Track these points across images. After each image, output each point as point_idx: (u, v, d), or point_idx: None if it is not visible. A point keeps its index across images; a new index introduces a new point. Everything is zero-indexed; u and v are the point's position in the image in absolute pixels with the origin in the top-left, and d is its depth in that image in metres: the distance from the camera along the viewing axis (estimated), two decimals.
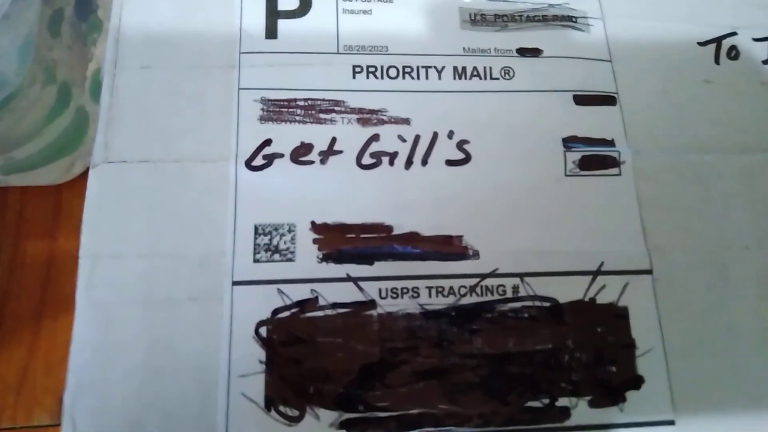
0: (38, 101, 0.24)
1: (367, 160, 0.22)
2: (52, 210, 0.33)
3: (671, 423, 0.20)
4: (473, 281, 0.21)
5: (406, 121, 0.22)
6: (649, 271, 0.21)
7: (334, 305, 0.20)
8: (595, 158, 0.22)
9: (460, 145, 0.22)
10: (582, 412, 0.20)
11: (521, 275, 0.21)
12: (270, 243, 0.20)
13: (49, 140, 0.31)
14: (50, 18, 0.28)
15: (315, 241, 0.20)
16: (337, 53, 0.23)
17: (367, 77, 0.23)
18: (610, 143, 0.23)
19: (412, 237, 0.21)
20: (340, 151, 0.22)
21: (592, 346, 0.20)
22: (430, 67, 0.23)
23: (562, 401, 0.20)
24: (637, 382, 0.20)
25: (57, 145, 0.32)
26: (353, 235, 0.21)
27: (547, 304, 0.21)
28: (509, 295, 0.21)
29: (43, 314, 0.25)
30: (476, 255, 0.21)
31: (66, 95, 0.32)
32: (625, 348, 0.20)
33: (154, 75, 0.22)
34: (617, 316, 0.21)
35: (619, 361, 0.20)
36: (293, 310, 0.20)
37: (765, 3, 0.26)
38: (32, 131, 0.25)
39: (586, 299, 0.21)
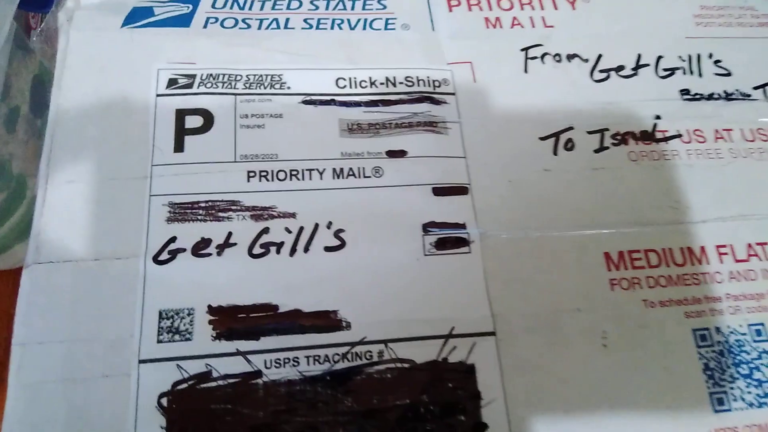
0: None
1: (257, 250, 0.26)
2: (10, 292, 0.37)
3: None
4: (345, 349, 0.25)
5: (293, 215, 0.27)
6: (492, 333, 0.26)
7: (225, 376, 0.24)
8: (449, 240, 0.27)
9: (337, 233, 0.27)
10: None
11: (385, 341, 0.25)
12: (172, 326, 0.24)
13: (7, 230, 0.35)
14: (6, 115, 0.33)
15: (210, 322, 0.25)
16: (235, 162, 0.28)
17: (260, 180, 0.27)
18: (462, 226, 0.27)
19: (295, 314, 0.25)
20: (235, 244, 0.26)
21: (444, 399, 0.24)
22: (313, 169, 0.28)
23: None
24: (482, 428, 0.24)
25: (15, 233, 0.36)
26: (244, 315, 0.25)
27: (407, 365, 0.25)
28: (375, 359, 0.25)
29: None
30: (348, 326, 0.25)
31: (22, 187, 0.36)
32: (472, 399, 0.24)
33: (77, 188, 0.26)
34: (465, 373, 0.25)
35: (467, 411, 0.24)
36: (190, 383, 0.24)
37: (597, 102, 0.31)
38: None
39: (440, 359, 0.25)
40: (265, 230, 0.26)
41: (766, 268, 0.28)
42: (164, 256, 0.25)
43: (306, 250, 0.26)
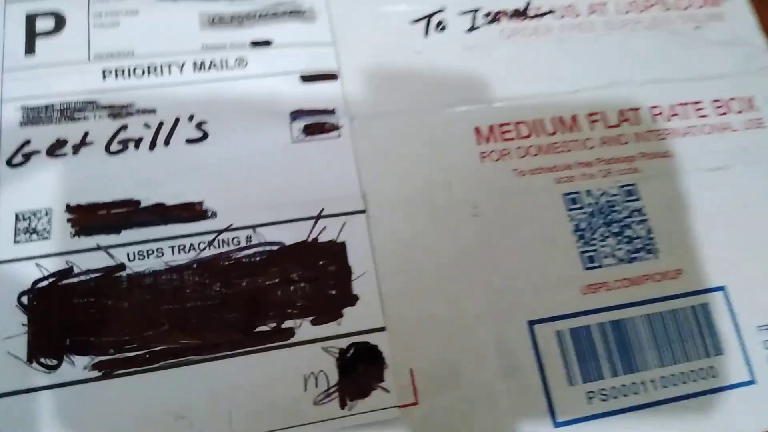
0: None
1: (115, 147, 0.25)
2: None
3: (383, 329, 0.24)
4: (211, 237, 0.24)
5: (152, 111, 0.26)
6: (363, 211, 0.25)
7: (87, 271, 0.23)
8: (317, 126, 0.27)
9: (199, 125, 0.26)
10: (305, 330, 0.24)
11: (253, 227, 0.25)
12: (29, 226, 0.24)
13: None
14: None
15: (69, 220, 0.24)
16: (89, 61, 0.27)
17: (116, 78, 0.26)
18: (332, 112, 0.27)
19: (157, 208, 0.25)
20: (91, 143, 0.25)
21: (314, 276, 0.24)
22: (172, 64, 0.27)
23: (288, 323, 0.24)
24: (353, 300, 0.24)
25: None
26: (104, 212, 0.24)
27: (276, 247, 0.25)
28: (243, 244, 0.25)
29: None
30: (214, 215, 0.25)
31: None
32: (342, 274, 0.24)
33: None
34: (336, 250, 0.25)
35: (338, 286, 0.24)
36: (51, 280, 0.23)
37: None
38: None
39: (310, 239, 0.25)
40: (123, 128, 0.26)
41: (636, 131, 0.29)
42: (18, 159, 0.25)
43: (166, 143, 0.26)
